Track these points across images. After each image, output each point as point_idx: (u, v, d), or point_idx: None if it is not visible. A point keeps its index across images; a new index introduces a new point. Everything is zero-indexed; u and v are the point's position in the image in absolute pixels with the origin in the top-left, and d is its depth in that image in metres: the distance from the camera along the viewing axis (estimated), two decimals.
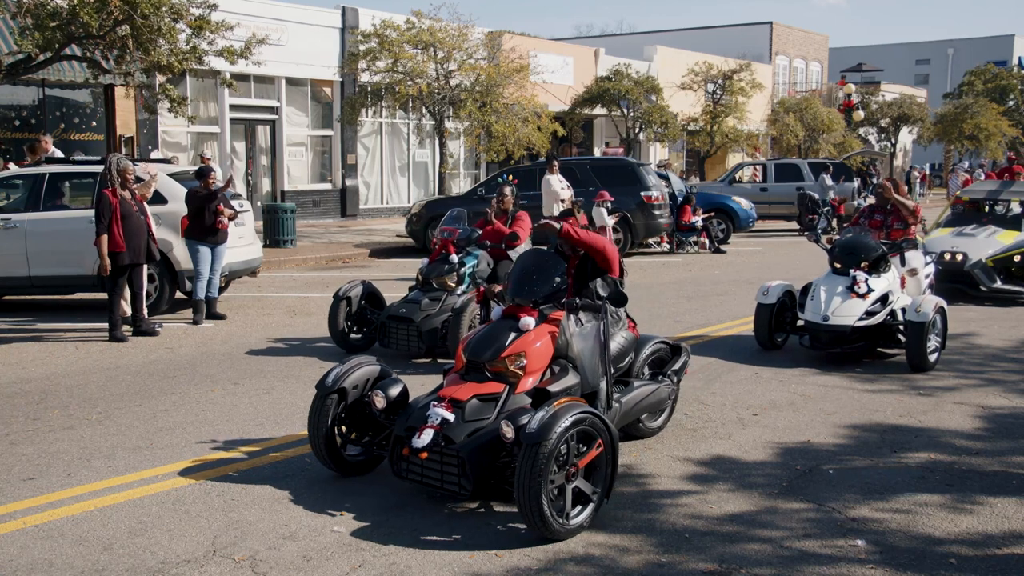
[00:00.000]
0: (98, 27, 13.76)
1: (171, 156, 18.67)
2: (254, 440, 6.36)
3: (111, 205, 9.71)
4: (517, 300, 5.55)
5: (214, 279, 10.94)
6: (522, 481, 4.50)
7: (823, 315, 8.53)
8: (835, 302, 8.58)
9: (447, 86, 21.55)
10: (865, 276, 8.67)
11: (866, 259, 8.80)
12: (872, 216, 9.87)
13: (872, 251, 8.84)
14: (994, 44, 66.57)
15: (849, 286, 8.63)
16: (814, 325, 8.60)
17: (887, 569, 4.40)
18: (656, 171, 20.62)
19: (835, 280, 8.80)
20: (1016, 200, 14.03)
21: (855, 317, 8.46)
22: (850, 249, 8.93)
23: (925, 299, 8.47)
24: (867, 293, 8.57)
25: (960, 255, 12.66)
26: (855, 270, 8.72)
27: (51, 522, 4.93)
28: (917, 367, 8.30)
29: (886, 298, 8.65)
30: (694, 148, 36.35)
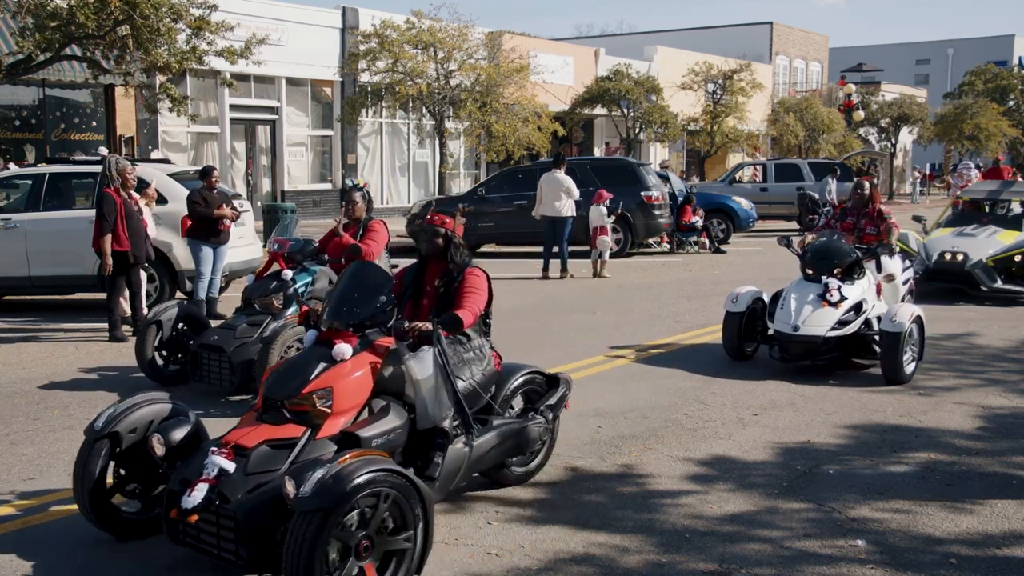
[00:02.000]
0: (97, 27, 13.77)
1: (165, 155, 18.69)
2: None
3: (115, 204, 9.71)
4: (333, 324, 4.60)
5: (215, 279, 10.94)
6: (290, 555, 3.66)
7: (793, 324, 8.02)
8: (806, 311, 8.06)
9: (447, 86, 21.56)
10: (838, 283, 8.15)
11: (839, 265, 8.30)
12: (844, 219, 9.36)
13: (846, 256, 8.35)
14: (994, 44, 66.55)
15: (821, 294, 8.13)
16: (784, 335, 8.10)
17: (887, 569, 4.40)
18: (656, 171, 20.64)
19: (806, 287, 8.30)
20: (1016, 200, 14.00)
21: (827, 327, 7.97)
22: (822, 255, 8.44)
23: (901, 308, 8.01)
24: (840, 301, 8.07)
25: (960, 255, 12.60)
26: (827, 277, 8.22)
27: (51, 522, 4.93)
28: (892, 379, 7.83)
29: (860, 306, 8.17)
30: (694, 148, 36.36)
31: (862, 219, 9.13)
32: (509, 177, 19.24)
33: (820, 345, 8.01)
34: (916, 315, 7.99)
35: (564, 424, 6.66)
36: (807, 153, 37.39)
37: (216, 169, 11.11)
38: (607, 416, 6.92)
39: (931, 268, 12.66)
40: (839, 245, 8.49)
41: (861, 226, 9.10)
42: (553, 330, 10.33)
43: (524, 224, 17.57)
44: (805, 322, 8.00)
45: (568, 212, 15.03)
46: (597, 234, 15.35)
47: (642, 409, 7.11)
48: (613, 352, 9.20)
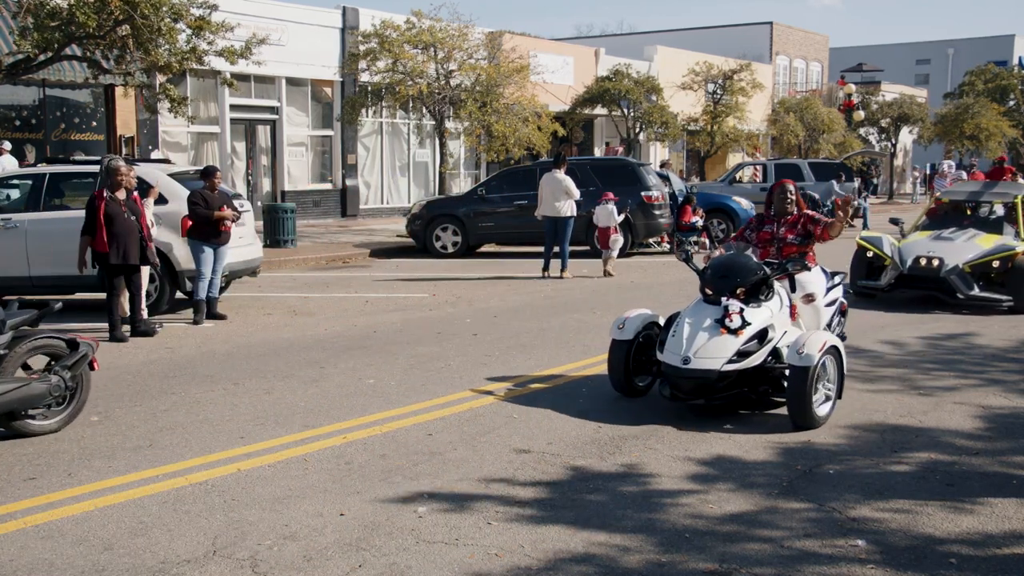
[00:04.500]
0: (98, 27, 13.77)
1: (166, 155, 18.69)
2: (254, 440, 6.36)
3: (95, 206, 9.67)
4: None
5: (215, 279, 10.95)
6: None
7: (683, 356, 6.67)
8: (700, 339, 6.73)
9: (447, 86, 21.56)
10: (740, 306, 6.82)
11: (742, 284, 6.96)
12: (761, 227, 7.79)
13: (750, 274, 7.01)
14: (994, 44, 66.53)
15: (720, 319, 6.80)
16: (671, 369, 6.73)
17: (887, 569, 4.40)
18: (656, 171, 20.64)
19: (704, 311, 6.97)
20: (999, 202, 13.30)
21: (723, 358, 6.63)
22: (723, 271, 7.13)
23: (811, 337, 6.67)
24: (741, 327, 6.73)
25: (936, 260, 11.83)
26: (728, 298, 6.90)
27: (51, 522, 4.93)
28: (799, 424, 6.56)
29: (765, 334, 6.83)
30: (694, 148, 36.36)
31: (782, 227, 7.66)
32: (509, 177, 19.25)
33: (715, 381, 6.64)
34: (830, 345, 6.65)
35: (565, 424, 6.69)
36: (807, 153, 37.39)
37: (219, 170, 11.12)
38: (607, 415, 6.92)
39: (905, 273, 12.00)
40: (743, 260, 7.18)
41: (781, 235, 7.63)
42: (553, 330, 10.33)
43: (524, 224, 17.59)
44: (698, 353, 6.66)
45: (568, 212, 15.03)
46: (610, 233, 15.43)
47: (642, 409, 7.11)
48: None
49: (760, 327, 6.83)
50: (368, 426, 6.68)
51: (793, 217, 7.66)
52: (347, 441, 6.34)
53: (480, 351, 9.16)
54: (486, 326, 10.61)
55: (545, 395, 7.54)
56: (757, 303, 6.96)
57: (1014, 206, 12.85)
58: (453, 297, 12.95)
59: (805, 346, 6.52)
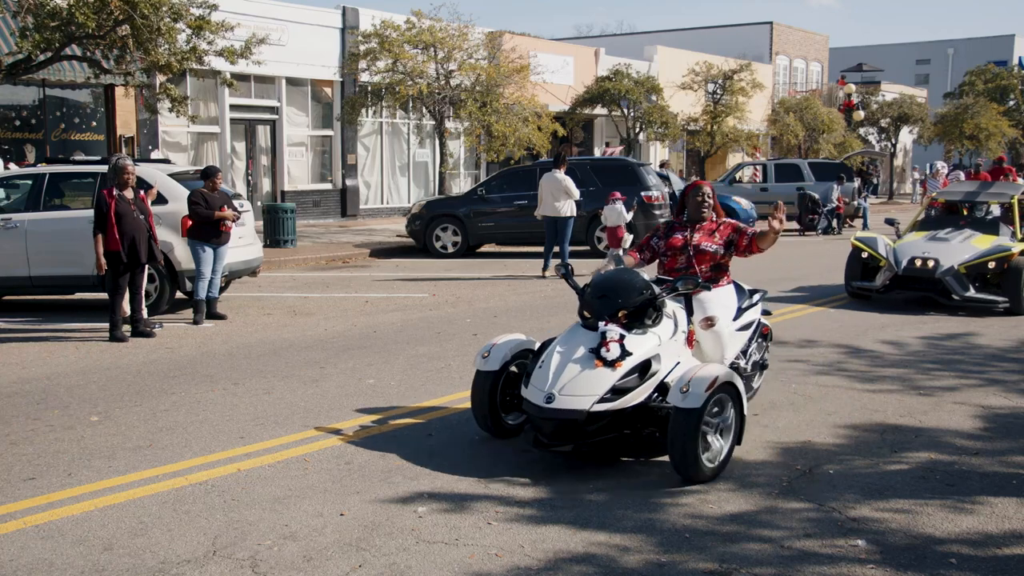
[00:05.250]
0: (98, 27, 13.78)
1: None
2: (254, 440, 6.36)
3: (107, 204, 9.72)
4: None
5: (215, 279, 10.96)
6: None
7: (547, 393, 5.56)
8: (568, 372, 5.62)
9: (447, 86, 21.56)
10: (620, 332, 5.72)
11: (624, 306, 5.85)
12: (670, 233, 6.68)
13: (634, 293, 5.90)
14: (994, 44, 66.52)
15: (595, 348, 5.71)
16: (533, 408, 5.64)
17: (887, 569, 4.40)
18: (656, 171, 20.65)
19: (578, 337, 5.86)
20: (995, 202, 13.21)
21: (594, 396, 5.50)
22: (603, 290, 6.01)
23: (700, 371, 5.50)
24: (619, 359, 5.61)
25: (931, 261, 11.67)
26: (607, 323, 5.81)
27: (51, 522, 4.93)
28: (684, 476, 5.46)
29: (647, 367, 5.69)
30: (694, 148, 36.35)
31: (696, 234, 6.58)
32: (509, 177, 19.26)
33: (583, 424, 5.52)
34: (723, 382, 5.50)
35: None
36: (807, 153, 37.40)
37: (220, 171, 11.12)
38: None
39: (900, 275, 11.85)
40: (627, 277, 6.05)
41: (695, 243, 6.54)
42: (553, 330, 10.31)
43: (524, 224, 17.60)
44: (564, 389, 5.55)
45: (568, 212, 15.03)
46: (619, 233, 15.49)
47: None
48: None
49: (643, 358, 5.70)
50: (368, 426, 6.68)
51: (710, 223, 6.61)
52: (347, 441, 6.34)
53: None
54: (486, 326, 10.61)
55: None
56: (642, 329, 5.83)
57: (1010, 206, 12.75)
58: (453, 297, 12.95)
59: (691, 383, 5.39)
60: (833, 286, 13.65)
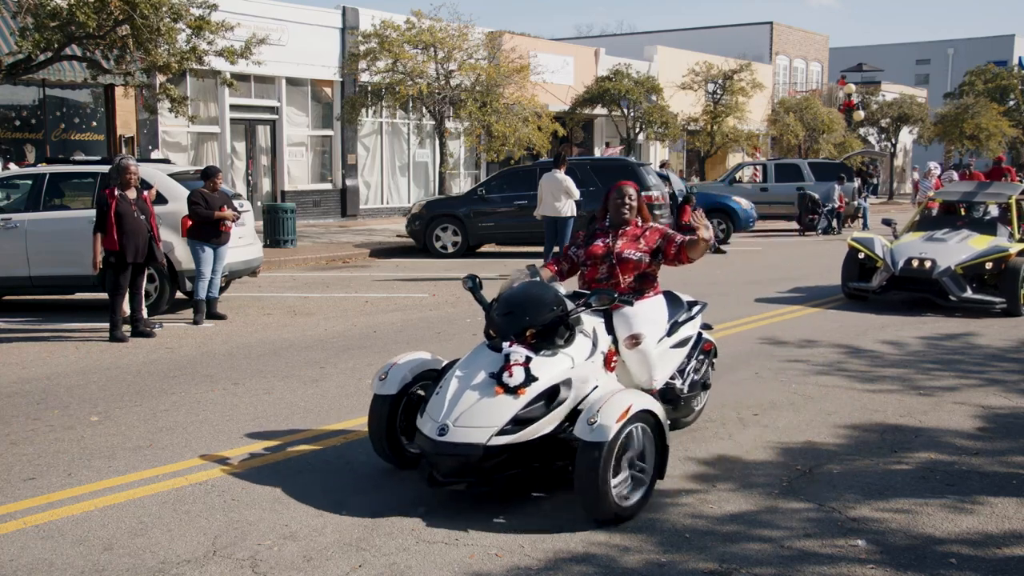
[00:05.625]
0: (98, 27, 13.78)
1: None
2: (254, 440, 6.36)
3: (107, 204, 9.72)
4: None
5: (215, 279, 10.96)
6: None
7: (440, 424, 4.94)
8: (466, 400, 4.99)
9: (447, 86, 21.56)
10: (526, 354, 5.09)
11: (533, 324, 5.21)
12: (591, 240, 6.03)
13: (544, 310, 5.24)
14: (994, 44, 66.52)
15: (497, 372, 5.06)
16: (425, 442, 5.01)
17: (887, 569, 4.40)
18: (656, 171, 20.65)
19: (480, 360, 5.21)
20: (993, 202, 13.09)
21: (493, 428, 4.87)
22: (509, 306, 5.35)
23: (611, 400, 4.88)
24: (523, 385, 4.97)
25: (928, 261, 11.57)
26: (512, 343, 5.16)
27: (51, 522, 4.93)
28: (594, 516, 4.86)
29: (555, 393, 5.05)
30: (694, 148, 36.36)
31: (620, 240, 5.93)
32: (509, 177, 19.26)
33: (479, 460, 4.88)
34: (638, 411, 4.89)
35: None
36: (807, 153, 37.41)
37: (220, 171, 11.12)
38: None
39: (897, 275, 11.77)
40: (537, 292, 5.40)
41: (617, 251, 5.88)
42: None
43: (524, 224, 17.59)
44: (460, 420, 4.93)
45: (568, 212, 15.03)
46: None
47: None
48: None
49: (551, 383, 5.06)
50: None
51: (635, 228, 5.98)
52: (347, 441, 6.34)
53: None
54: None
55: None
56: (552, 350, 5.19)
57: (1008, 207, 12.68)
58: (453, 297, 12.95)
59: (600, 413, 4.78)
60: (833, 286, 13.65)
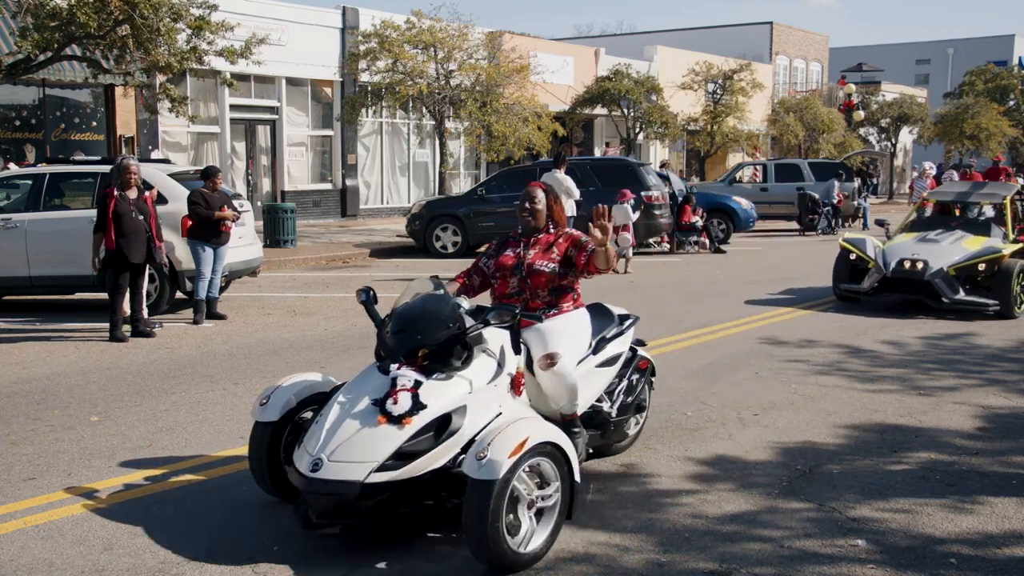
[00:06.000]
0: (98, 27, 13.78)
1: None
2: None
3: (105, 204, 9.72)
4: None
5: (215, 279, 10.96)
6: None
7: (314, 459, 4.37)
8: (344, 431, 4.43)
9: (447, 86, 21.56)
10: (415, 378, 4.53)
11: (425, 343, 4.65)
12: (502, 250, 5.45)
13: (438, 327, 4.69)
14: (994, 44, 66.52)
15: (382, 399, 4.50)
16: (297, 478, 4.45)
17: (887, 569, 4.40)
18: (656, 171, 20.66)
19: (367, 384, 4.67)
20: (988, 203, 12.97)
21: (372, 463, 4.30)
22: (401, 323, 4.79)
23: (505, 431, 4.31)
24: (409, 413, 4.42)
25: (920, 263, 11.37)
26: (401, 366, 4.61)
27: (51, 522, 4.93)
28: (488, 566, 4.32)
29: (447, 423, 4.46)
30: (694, 148, 36.37)
31: (531, 250, 5.32)
32: (509, 177, 19.25)
33: (357, 499, 4.31)
34: (536, 443, 4.32)
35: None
36: (807, 153, 37.41)
37: (220, 171, 11.13)
38: None
39: (888, 276, 11.57)
40: (433, 307, 4.82)
41: (528, 262, 5.28)
42: None
43: None
44: (336, 453, 4.36)
45: (568, 212, 15.03)
46: (619, 232, 15.68)
47: None
48: None
49: (442, 411, 4.49)
50: None
51: (547, 236, 5.35)
52: None
53: None
54: None
55: None
56: (447, 373, 4.62)
57: (1003, 207, 12.55)
58: None
59: (491, 447, 4.20)
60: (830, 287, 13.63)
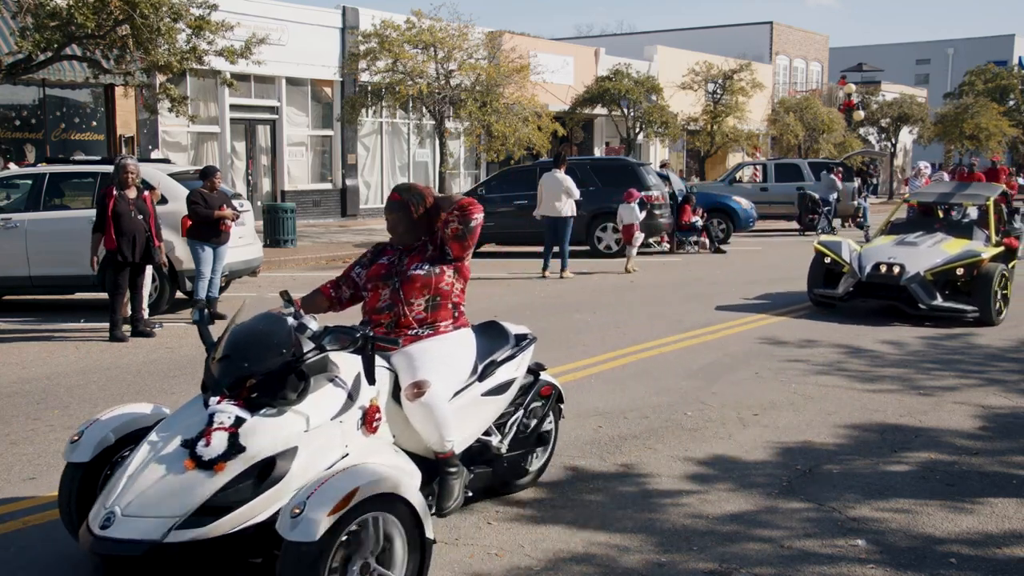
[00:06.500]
0: (97, 27, 13.78)
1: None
2: None
3: (104, 203, 9.72)
4: None
5: (215, 279, 10.96)
6: None
7: (107, 511, 3.69)
8: (147, 477, 3.74)
9: (447, 86, 21.56)
10: (237, 414, 3.83)
11: (252, 372, 3.93)
12: (376, 258, 4.80)
13: (269, 353, 3.97)
14: (994, 44, 66.56)
15: (194, 438, 3.79)
16: (84, 537, 3.77)
17: (887, 569, 4.40)
18: (656, 171, 20.67)
19: (185, 420, 3.99)
20: (971, 204, 12.34)
21: (174, 518, 3.62)
22: (229, 348, 4.07)
23: (333, 480, 3.62)
24: (224, 458, 3.71)
25: (897, 267, 10.79)
26: (221, 399, 3.88)
27: (51, 522, 4.92)
28: None
29: (271, 467, 3.77)
30: (694, 148, 36.37)
31: (407, 255, 4.67)
32: (509, 177, 19.25)
33: (154, 562, 3.61)
34: (372, 496, 3.64)
35: (565, 424, 6.67)
36: (807, 153, 37.40)
37: (219, 171, 11.13)
38: (607, 416, 6.92)
39: (863, 281, 10.96)
40: (266, 328, 4.12)
41: (402, 269, 4.62)
42: (553, 330, 10.32)
43: (524, 224, 17.59)
44: (132, 506, 3.67)
45: (568, 212, 15.04)
46: (633, 231, 15.86)
47: (642, 409, 7.11)
48: (613, 352, 9.20)
49: (265, 455, 3.78)
50: None
51: (426, 240, 4.71)
52: None
53: None
54: None
55: None
56: (277, 408, 3.91)
57: (986, 209, 11.94)
58: None
59: (309, 501, 3.52)
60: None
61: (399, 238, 4.69)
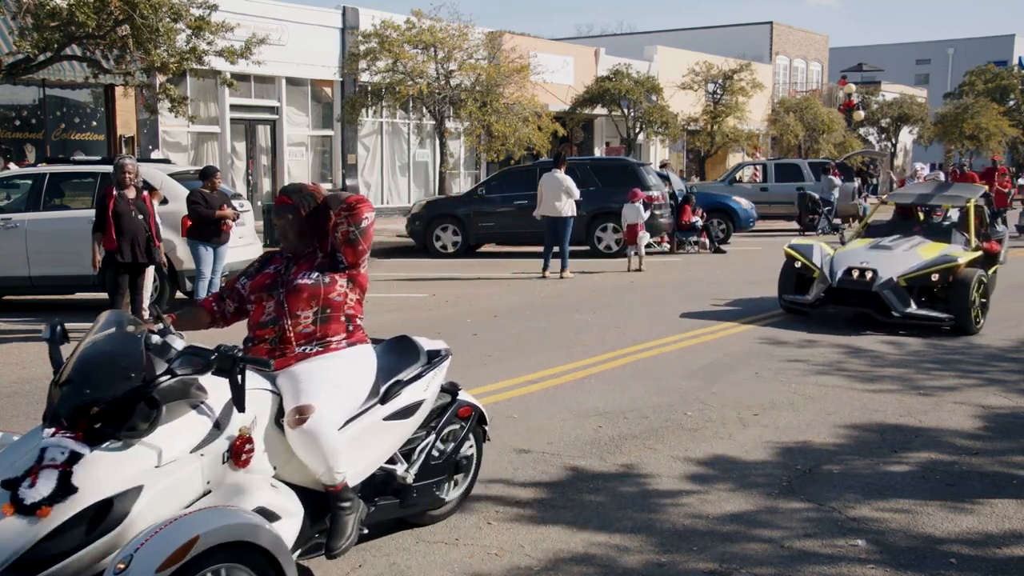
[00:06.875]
0: (97, 27, 13.79)
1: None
2: None
3: (104, 203, 9.71)
4: None
5: (215, 279, 10.96)
6: None
7: None
8: None
9: (447, 86, 21.57)
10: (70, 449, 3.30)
11: (95, 399, 3.39)
12: (263, 267, 4.41)
13: (115, 378, 3.47)
14: (994, 44, 66.53)
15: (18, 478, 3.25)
16: None
17: (887, 569, 4.40)
18: (656, 171, 20.68)
19: (14, 454, 3.47)
20: (952, 206, 11.68)
21: None
22: (74, 371, 3.53)
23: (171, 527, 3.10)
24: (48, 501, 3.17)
25: (870, 272, 10.22)
26: (56, 431, 3.37)
27: None
28: None
29: (107, 511, 3.24)
30: (694, 148, 36.37)
31: (295, 264, 4.28)
32: (509, 177, 19.26)
33: None
34: (216, 544, 3.15)
35: (565, 424, 6.68)
36: (807, 153, 37.40)
37: (219, 171, 11.13)
38: (607, 416, 6.92)
39: (834, 287, 10.41)
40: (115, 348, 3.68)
41: (288, 279, 4.23)
42: (553, 330, 10.33)
43: (524, 224, 17.60)
44: None
45: (568, 212, 15.03)
46: (637, 230, 15.96)
47: (642, 409, 7.11)
48: (613, 352, 9.20)
49: (101, 497, 3.25)
50: None
51: (314, 255, 4.30)
52: None
53: (480, 351, 9.15)
54: (486, 326, 10.61)
55: (545, 395, 7.54)
56: (124, 441, 3.37)
57: (966, 211, 11.32)
58: (453, 297, 12.95)
59: (137, 554, 3.02)
60: None
61: (289, 245, 4.26)
